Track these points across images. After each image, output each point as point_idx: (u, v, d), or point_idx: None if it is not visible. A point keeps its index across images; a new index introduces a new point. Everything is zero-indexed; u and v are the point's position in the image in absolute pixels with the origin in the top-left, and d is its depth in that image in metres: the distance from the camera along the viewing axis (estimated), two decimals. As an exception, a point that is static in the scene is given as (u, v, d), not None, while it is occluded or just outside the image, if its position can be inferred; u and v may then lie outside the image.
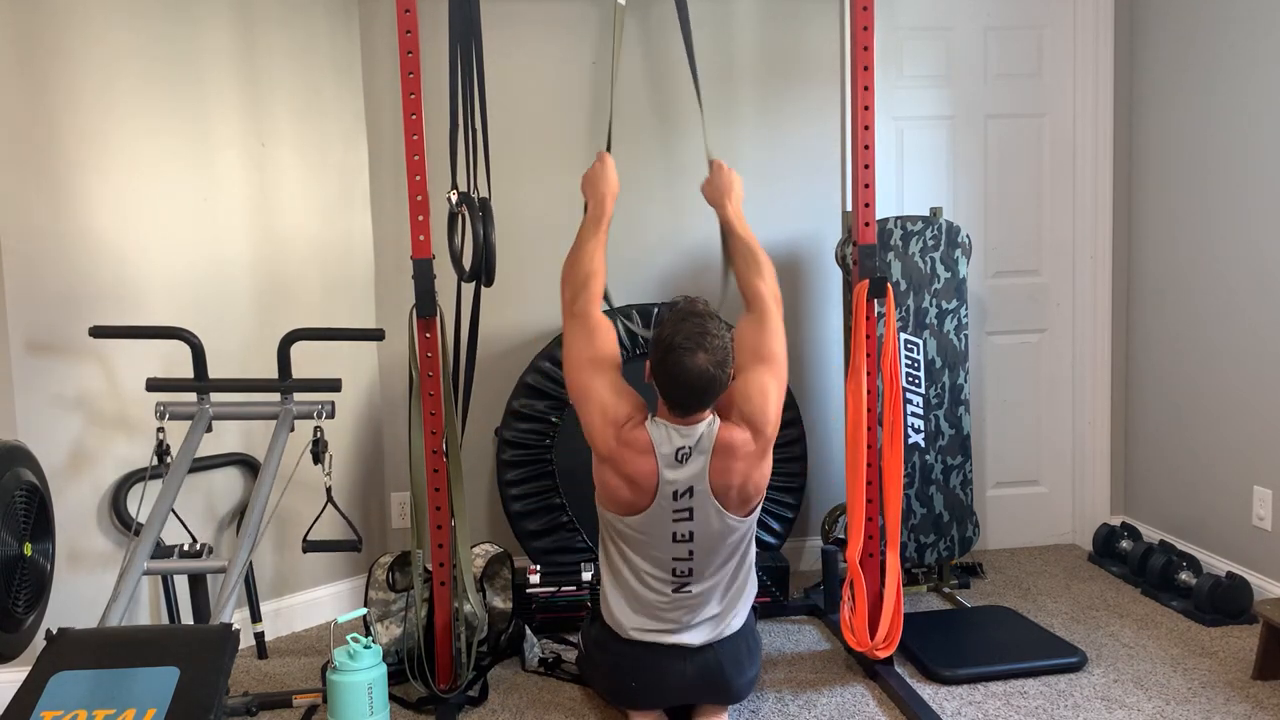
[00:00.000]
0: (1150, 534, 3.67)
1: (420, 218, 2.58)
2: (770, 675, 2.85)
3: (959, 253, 3.35)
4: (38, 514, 2.33)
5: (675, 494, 2.38)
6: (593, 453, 2.46)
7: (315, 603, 3.31)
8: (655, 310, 3.40)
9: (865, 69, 2.73)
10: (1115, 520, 3.81)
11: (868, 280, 2.77)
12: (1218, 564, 3.35)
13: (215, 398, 2.69)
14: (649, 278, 3.55)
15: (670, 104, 3.51)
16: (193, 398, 2.67)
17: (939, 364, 3.35)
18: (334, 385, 2.67)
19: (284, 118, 3.13)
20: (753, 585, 2.58)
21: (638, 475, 2.38)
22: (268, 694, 2.72)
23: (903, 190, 3.68)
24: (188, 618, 2.84)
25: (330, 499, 2.66)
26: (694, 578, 2.44)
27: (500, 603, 3.03)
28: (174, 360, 2.80)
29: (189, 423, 2.61)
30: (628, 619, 2.48)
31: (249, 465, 3.11)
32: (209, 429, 2.65)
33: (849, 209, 3.36)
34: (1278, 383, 3.10)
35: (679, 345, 2.30)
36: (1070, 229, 3.80)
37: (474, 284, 2.81)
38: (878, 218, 2.84)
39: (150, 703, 1.88)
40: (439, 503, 2.68)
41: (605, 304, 2.66)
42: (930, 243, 3.33)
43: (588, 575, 3.12)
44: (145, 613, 2.93)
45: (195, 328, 2.71)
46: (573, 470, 3.29)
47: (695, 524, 2.41)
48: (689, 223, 3.56)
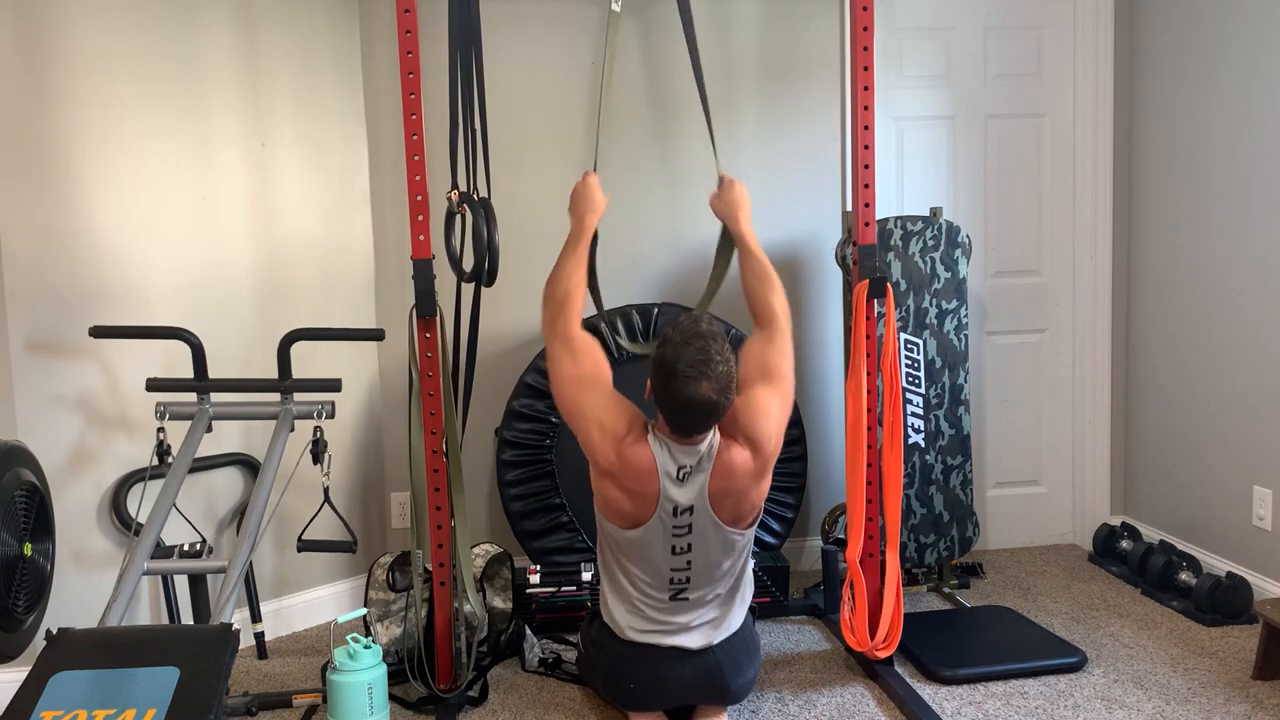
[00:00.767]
0: (1150, 534, 3.67)
1: (420, 218, 2.58)
2: (770, 675, 2.85)
3: (959, 253, 3.35)
4: (38, 514, 2.33)
5: (675, 510, 2.37)
6: (591, 466, 2.45)
7: (315, 603, 3.31)
8: (655, 310, 3.40)
9: (865, 69, 2.73)
10: (1115, 520, 3.81)
11: (868, 280, 2.77)
12: (1218, 564, 3.35)
13: (215, 398, 2.69)
14: (648, 278, 3.55)
15: (669, 104, 3.51)
16: (193, 398, 2.67)
17: (939, 364, 3.35)
18: (334, 385, 2.67)
19: (284, 118, 3.13)
20: (749, 587, 2.58)
21: (639, 490, 2.37)
22: (268, 694, 2.72)
23: (903, 190, 3.68)
24: (188, 618, 2.84)
25: (327, 499, 2.66)
26: (691, 586, 2.45)
27: (500, 603, 3.03)
28: (174, 360, 2.80)
29: (189, 423, 2.61)
30: (625, 620, 2.48)
31: (249, 465, 3.11)
32: (209, 429, 2.65)
33: (849, 209, 3.36)
34: (1278, 383, 3.10)
35: (682, 373, 2.26)
36: (1070, 229, 3.81)
37: (474, 284, 2.81)
38: (878, 218, 2.84)
39: (150, 703, 1.88)
40: (439, 503, 2.68)
41: (605, 328, 2.63)
42: (930, 243, 3.33)
43: (588, 575, 3.12)
44: (145, 613, 2.93)
45: (195, 328, 2.71)
46: (573, 470, 3.29)
47: (694, 537, 2.40)
48: (688, 223, 3.56)
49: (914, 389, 3.33)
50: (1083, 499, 3.90)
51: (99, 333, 2.65)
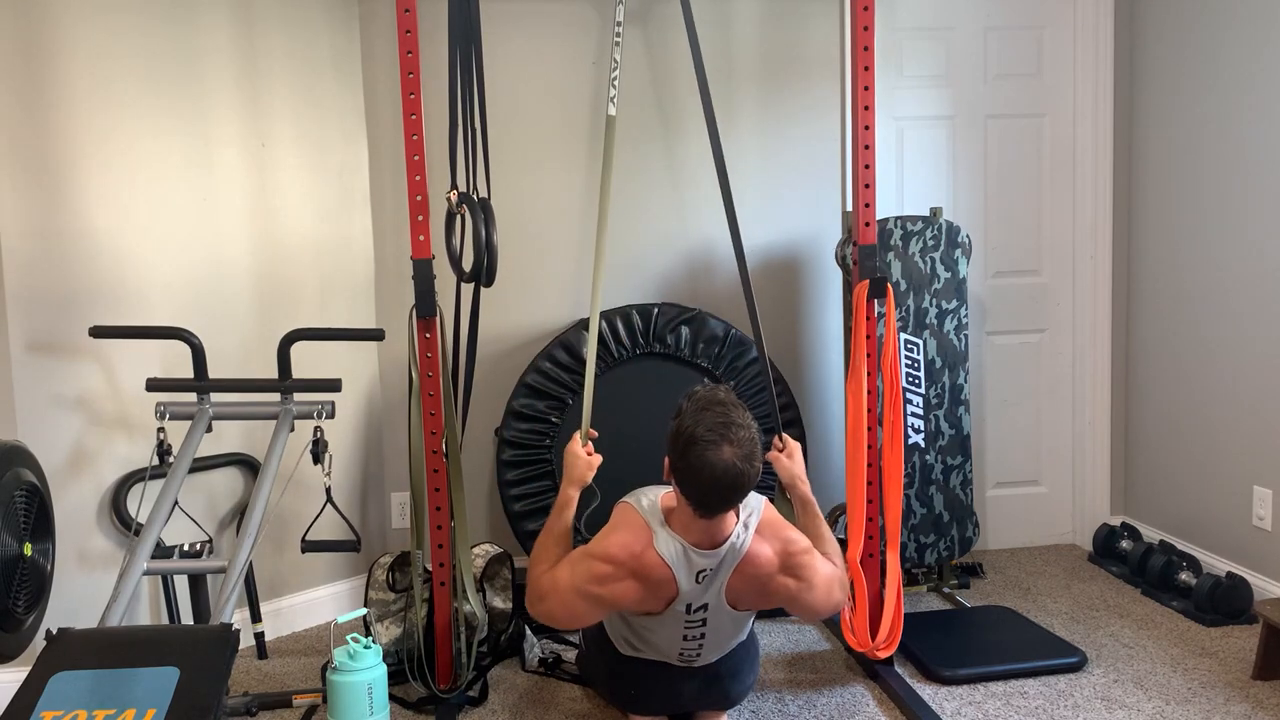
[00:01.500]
0: (1150, 534, 3.67)
1: (420, 218, 2.58)
2: (770, 675, 2.85)
3: (959, 253, 3.35)
4: (38, 514, 2.33)
5: (690, 608, 2.28)
6: None
7: (315, 603, 3.31)
8: (655, 310, 3.40)
9: (865, 69, 2.73)
10: (1115, 520, 3.81)
11: (868, 280, 2.77)
12: (1218, 564, 3.35)
13: (215, 398, 2.69)
14: (649, 278, 3.55)
15: (672, 105, 3.51)
16: (193, 398, 2.67)
17: (939, 364, 3.35)
18: (334, 385, 2.67)
19: (284, 117, 3.13)
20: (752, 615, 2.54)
21: (654, 595, 2.26)
22: (268, 694, 2.72)
23: (903, 190, 3.68)
24: (188, 618, 2.84)
25: (329, 499, 2.66)
26: (701, 656, 2.42)
27: (500, 603, 3.03)
28: (174, 360, 2.80)
29: (189, 423, 2.61)
30: (627, 650, 2.46)
31: (249, 465, 3.11)
32: (209, 429, 2.65)
33: (849, 209, 3.35)
34: (1277, 383, 3.10)
35: (701, 438, 2.09)
36: (1070, 229, 3.80)
37: (474, 284, 2.81)
38: (878, 218, 2.84)
39: (150, 703, 1.88)
40: (439, 503, 2.68)
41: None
42: (930, 243, 3.33)
43: (588, 575, 3.12)
44: (145, 613, 2.93)
45: (195, 328, 2.71)
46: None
47: (708, 627, 2.34)
48: (689, 224, 3.56)
49: (914, 389, 3.33)
50: (1083, 499, 3.90)
51: (99, 333, 2.65)
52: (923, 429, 3.34)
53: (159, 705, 1.87)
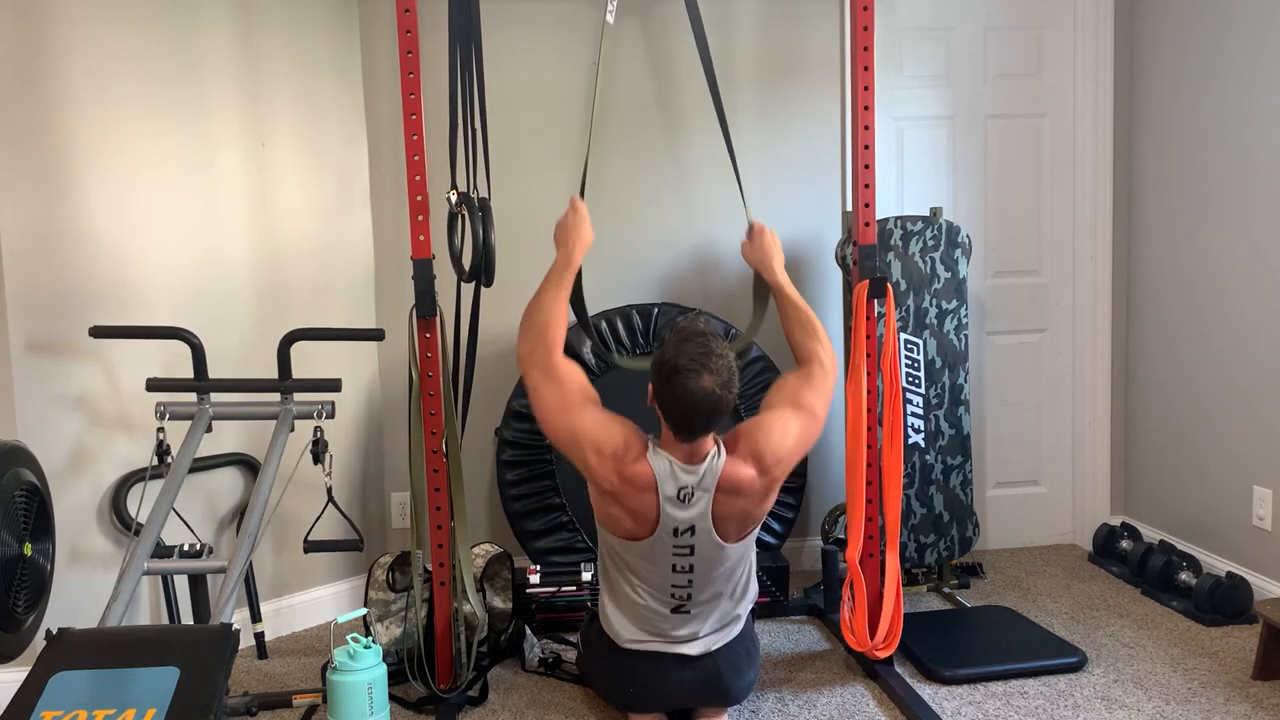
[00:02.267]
0: (1150, 534, 3.67)
1: (420, 218, 2.58)
2: (770, 675, 2.85)
3: (959, 253, 3.35)
4: (38, 514, 2.33)
5: (676, 531, 2.35)
6: (590, 485, 2.43)
7: (315, 603, 3.31)
8: (655, 310, 3.40)
9: (865, 69, 2.73)
10: (1115, 520, 3.81)
11: (868, 280, 2.77)
12: (1218, 564, 3.35)
13: (215, 398, 2.69)
14: (649, 277, 3.55)
15: (673, 103, 3.51)
16: (193, 398, 2.67)
17: (939, 364, 3.35)
18: (334, 385, 2.67)
19: (284, 118, 3.13)
20: (753, 591, 2.57)
21: (639, 510, 2.35)
22: (268, 694, 2.72)
23: (903, 190, 3.68)
24: (188, 618, 2.84)
25: (331, 499, 2.66)
26: (692, 600, 2.44)
27: (500, 603, 3.03)
28: (174, 360, 2.80)
29: (189, 423, 2.61)
30: (625, 630, 2.48)
31: (249, 465, 3.11)
32: (209, 429, 2.65)
33: (849, 209, 3.36)
34: (1278, 383, 3.10)
35: (683, 368, 2.23)
36: (1070, 229, 3.80)
37: (474, 284, 2.81)
38: (878, 218, 2.84)
39: (150, 703, 1.88)
40: (439, 503, 2.68)
41: (603, 359, 2.60)
42: (930, 243, 3.33)
43: (588, 575, 3.12)
44: (145, 613, 2.93)
45: (195, 328, 2.71)
46: (573, 470, 3.25)
47: (695, 558, 2.38)
48: (689, 223, 3.56)
49: (914, 389, 3.33)
50: (1083, 499, 3.90)
51: (99, 333, 2.65)
52: (923, 429, 3.34)
53: (159, 705, 1.87)
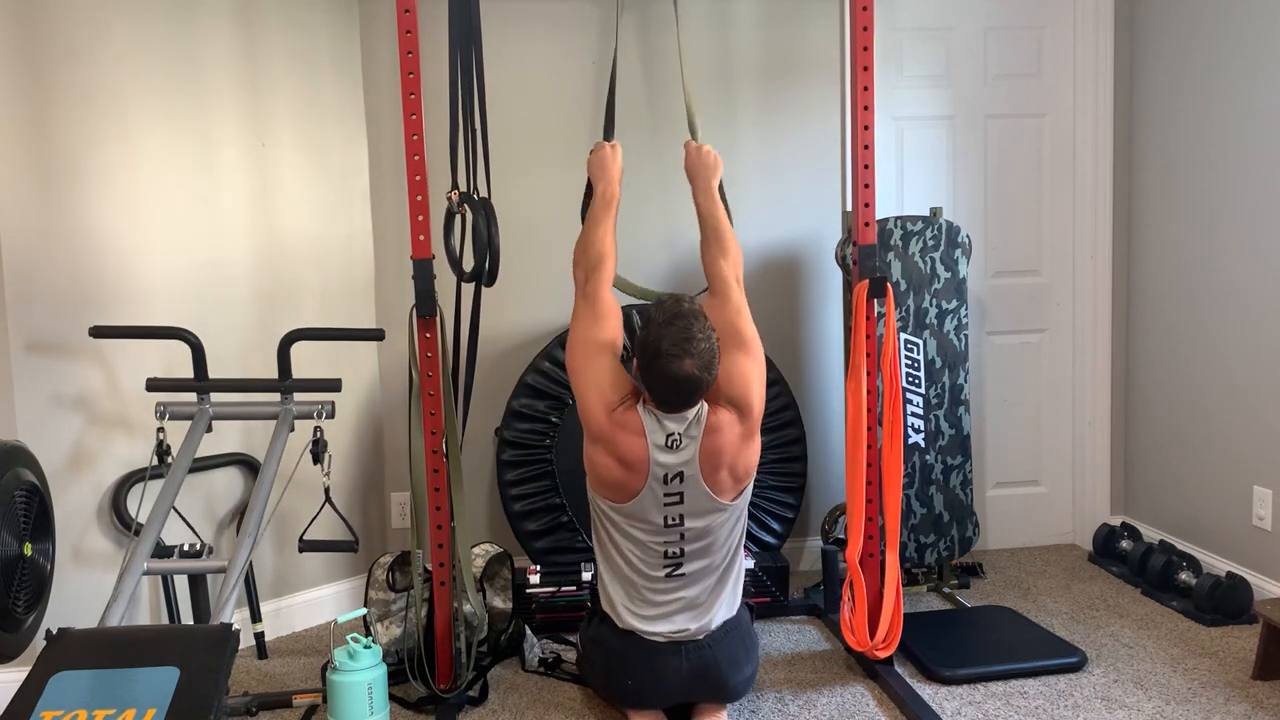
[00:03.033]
0: (1150, 534, 3.67)
1: (420, 218, 2.58)
2: (770, 675, 2.85)
3: (959, 253, 3.35)
4: (38, 514, 2.33)
5: (666, 478, 2.41)
6: (584, 434, 2.49)
7: (315, 603, 3.31)
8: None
9: (865, 69, 2.73)
10: (1115, 520, 3.81)
11: (868, 280, 2.77)
12: (1218, 564, 3.35)
13: (215, 398, 2.69)
14: (648, 278, 3.54)
15: (667, 104, 3.51)
16: (193, 398, 2.67)
17: (939, 364, 3.35)
18: (334, 385, 2.67)
19: (284, 118, 3.13)
20: (741, 573, 2.59)
21: (629, 456, 2.41)
22: (268, 694, 2.72)
23: (903, 190, 3.68)
24: (188, 618, 2.84)
25: (328, 499, 2.66)
26: (685, 561, 2.47)
27: (500, 603, 3.03)
28: (174, 360, 2.80)
29: (189, 423, 2.61)
30: (621, 601, 2.49)
31: (249, 465, 3.11)
32: (209, 429, 2.65)
33: (849, 209, 3.35)
34: (1278, 383, 3.10)
35: (665, 352, 2.33)
36: (1070, 229, 3.81)
37: (474, 284, 2.81)
38: (878, 218, 2.84)
39: (150, 703, 1.88)
40: (439, 503, 2.68)
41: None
42: (930, 243, 3.33)
43: (588, 575, 3.12)
44: (145, 613, 2.93)
45: (195, 328, 2.71)
46: (573, 470, 3.27)
47: (685, 508, 2.43)
48: (687, 223, 3.52)
49: (914, 389, 3.33)
50: (1083, 499, 3.90)
51: (99, 333, 2.65)
52: (923, 429, 3.34)
53: (159, 705, 1.87)
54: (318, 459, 2.62)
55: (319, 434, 2.63)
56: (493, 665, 2.96)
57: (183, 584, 2.88)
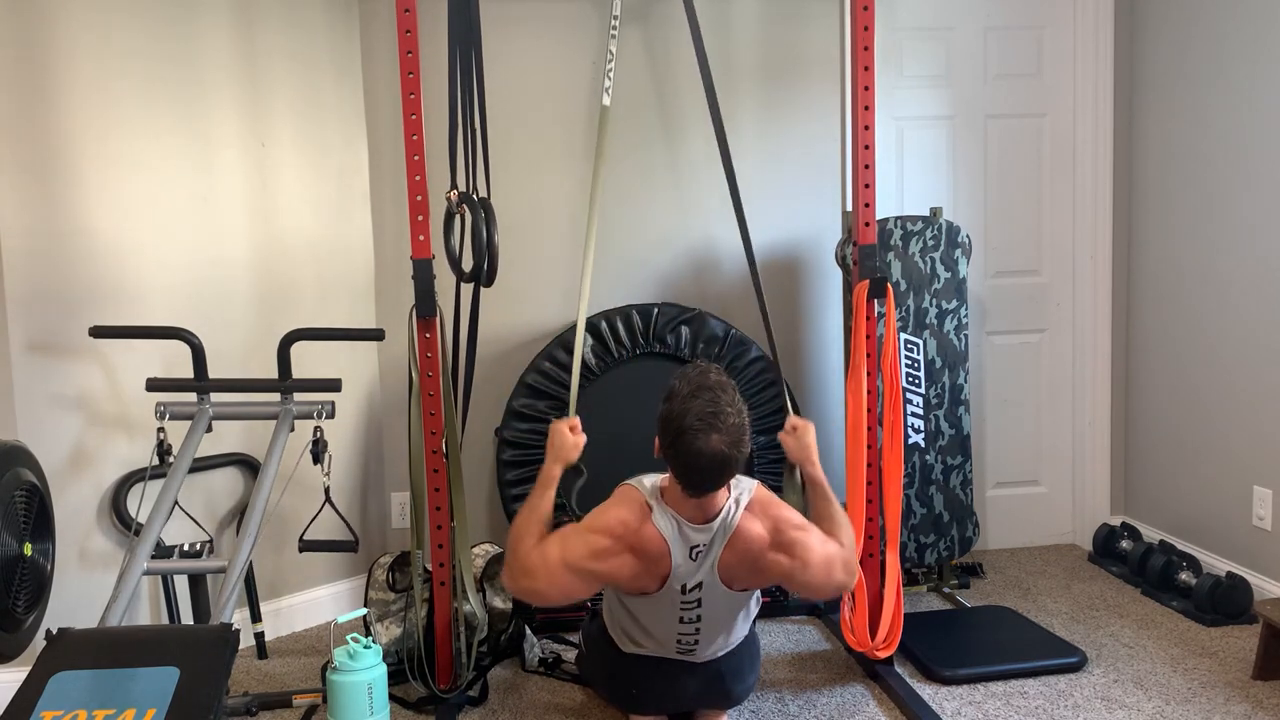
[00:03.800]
0: (1150, 534, 3.67)
1: (420, 218, 2.58)
2: (770, 675, 2.85)
3: (959, 253, 3.35)
4: (38, 514, 2.33)
5: (684, 588, 2.30)
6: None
7: (315, 603, 3.31)
8: (654, 310, 3.40)
9: (865, 69, 2.73)
10: (1115, 520, 3.81)
11: (868, 280, 2.77)
12: (1218, 564, 3.35)
13: (215, 398, 2.69)
14: (649, 278, 3.55)
15: (672, 104, 3.51)
16: (193, 398, 2.67)
17: (939, 364, 3.35)
18: (334, 385, 2.67)
19: (284, 118, 3.13)
20: (756, 606, 2.53)
21: (651, 571, 2.28)
22: (268, 694, 2.72)
23: (903, 190, 3.68)
24: (188, 618, 2.84)
25: (328, 499, 2.66)
26: (699, 645, 2.42)
27: (500, 603, 3.03)
28: (174, 360, 2.80)
29: (189, 423, 2.61)
30: (627, 646, 2.47)
31: (249, 465, 3.11)
32: (209, 429, 2.65)
33: (849, 209, 3.35)
34: (1278, 383, 3.10)
35: (691, 427, 2.14)
36: (1070, 229, 3.80)
37: (474, 284, 2.81)
38: (878, 218, 2.84)
39: (150, 703, 1.88)
40: (439, 503, 2.68)
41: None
42: (930, 243, 3.33)
43: (588, 575, 3.12)
44: (145, 613, 2.93)
45: (195, 328, 2.71)
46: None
47: (703, 609, 2.35)
48: (689, 223, 3.56)
49: (914, 389, 3.33)
50: (1083, 499, 3.90)
51: (99, 333, 2.65)
52: (923, 429, 3.34)
53: (159, 705, 1.87)
54: (318, 459, 2.62)
55: (319, 434, 2.63)
56: (493, 665, 2.96)
57: (183, 584, 2.88)
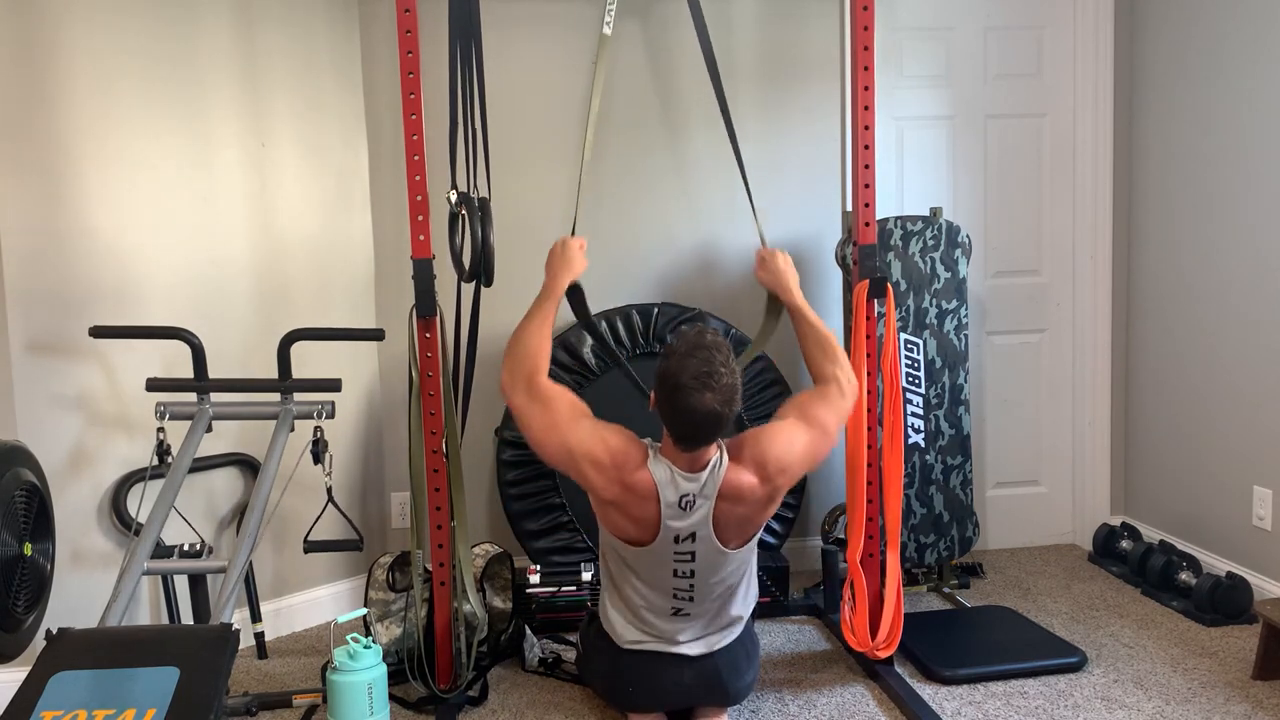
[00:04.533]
0: (1150, 534, 3.67)
1: (420, 218, 2.58)
2: (770, 675, 2.85)
3: (959, 253, 3.35)
4: (38, 514, 2.33)
5: (677, 538, 2.35)
6: (590, 495, 2.42)
7: (315, 603, 3.31)
8: (655, 310, 3.40)
9: (865, 69, 2.73)
10: (1115, 520, 3.81)
11: (868, 280, 2.77)
12: (1218, 564, 3.35)
13: (215, 398, 2.69)
14: (649, 277, 3.55)
15: (672, 103, 3.51)
16: (193, 398, 2.67)
17: (939, 364, 3.35)
18: (334, 385, 2.67)
19: (284, 118, 3.13)
20: (754, 594, 2.57)
21: (641, 517, 2.35)
22: (268, 694, 2.72)
23: (903, 190, 3.68)
24: (188, 618, 2.84)
25: (331, 499, 2.66)
26: (694, 604, 2.44)
27: (500, 603, 3.03)
28: (174, 360, 2.80)
29: (189, 423, 2.61)
30: (625, 630, 2.48)
31: (249, 465, 3.11)
32: (209, 429, 2.65)
33: (849, 209, 3.36)
34: (1277, 382, 3.10)
35: (685, 385, 2.23)
36: (1070, 229, 3.81)
37: (474, 284, 2.81)
38: (878, 218, 2.84)
39: (150, 703, 1.88)
40: (439, 503, 2.68)
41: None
42: (930, 243, 3.33)
43: (588, 575, 3.12)
44: (145, 613, 2.93)
45: (195, 328, 2.72)
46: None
47: (696, 563, 2.39)
48: (690, 222, 3.56)
49: (914, 389, 3.33)
50: (1083, 499, 3.90)
51: (99, 333, 2.65)
52: (923, 429, 3.34)
53: (159, 705, 1.87)
54: (318, 459, 2.62)
55: (319, 434, 2.64)
56: (493, 665, 2.96)
57: (183, 584, 2.88)
